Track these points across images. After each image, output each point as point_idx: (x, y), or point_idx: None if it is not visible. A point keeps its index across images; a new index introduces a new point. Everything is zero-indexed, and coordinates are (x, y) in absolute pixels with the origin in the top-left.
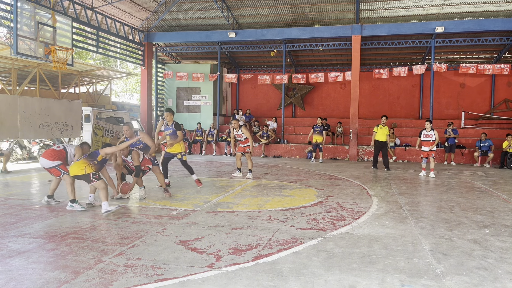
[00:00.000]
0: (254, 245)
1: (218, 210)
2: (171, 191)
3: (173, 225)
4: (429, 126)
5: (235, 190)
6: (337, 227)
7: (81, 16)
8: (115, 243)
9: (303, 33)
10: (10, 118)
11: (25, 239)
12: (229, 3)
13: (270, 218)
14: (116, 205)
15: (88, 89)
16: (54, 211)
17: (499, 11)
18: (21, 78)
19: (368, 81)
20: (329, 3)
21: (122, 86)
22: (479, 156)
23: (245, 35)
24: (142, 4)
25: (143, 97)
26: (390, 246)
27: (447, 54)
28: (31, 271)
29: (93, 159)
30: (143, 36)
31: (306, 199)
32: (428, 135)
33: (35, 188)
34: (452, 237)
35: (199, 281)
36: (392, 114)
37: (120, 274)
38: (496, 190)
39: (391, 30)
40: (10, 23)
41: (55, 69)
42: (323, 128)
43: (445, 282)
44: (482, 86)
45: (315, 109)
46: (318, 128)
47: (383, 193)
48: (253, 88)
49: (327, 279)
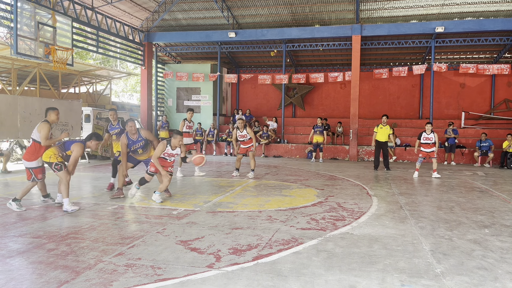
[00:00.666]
0: (254, 245)
1: (218, 210)
2: (171, 191)
3: (173, 225)
4: (430, 129)
5: (235, 190)
6: (337, 227)
7: (81, 16)
8: (115, 243)
9: (303, 33)
10: (10, 118)
11: (25, 239)
12: (229, 3)
13: (270, 218)
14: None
15: (88, 89)
16: (54, 211)
17: (499, 11)
18: (21, 78)
19: (368, 81)
20: (329, 3)
21: (122, 86)
22: (479, 156)
23: (245, 35)
24: (142, 4)
25: (143, 97)
26: (390, 246)
27: (447, 54)
28: (31, 271)
29: (62, 150)
30: (143, 36)
31: (306, 199)
32: (428, 138)
33: (35, 188)
34: (452, 237)
35: (199, 281)
36: (392, 114)
37: (120, 274)
38: (496, 190)
39: (391, 30)
40: (10, 23)
41: (55, 69)
42: (324, 128)
43: (445, 282)
44: (482, 86)
45: (315, 109)
46: (318, 128)
47: (383, 193)
48: (253, 88)
49: (327, 279)
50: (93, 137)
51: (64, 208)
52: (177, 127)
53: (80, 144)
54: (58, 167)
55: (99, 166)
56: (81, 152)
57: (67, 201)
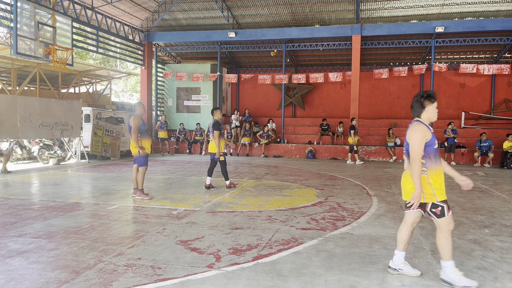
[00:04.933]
0: (254, 245)
1: (218, 210)
2: (171, 191)
3: (173, 225)
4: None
5: (235, 190)
6: (337, 227)
7: (81, 16)
8: (115, 243)
9: (303, 33)
10: (10, 118)
11: (25, 239)
12: (229, 3)
13: (270, 218)
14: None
15: (88, 89)
16: (54, 211)
17: (499, 11)
18: (21, 78)
19: (368, 81)
20: (329, 3)
21: (122, 86)
22: (479, 156)
23: (245, 35)
24: (142, 4)
25: (143, 97)
26: (390, 246)
27: (447, 54)
28: (31, 271)
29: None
30: (143, 36)
31: (306, 199)
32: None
33: (35, 188)
34: (452, 237)
35: (199, 281)
36: (392, 114)
37: (120, 274)
38: (496, 190)
39: (391, 30)
40: (10, 23)
41: (55, 69)
42: (350, 128)
43: None
44: (482, 86)
45: (315, 109)
46: (352, 129)
47: (383, 193)
48: (253, 88)
49: (327, 279)
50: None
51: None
52: (176, 127)
53: None
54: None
55: (99, 166)
56: None
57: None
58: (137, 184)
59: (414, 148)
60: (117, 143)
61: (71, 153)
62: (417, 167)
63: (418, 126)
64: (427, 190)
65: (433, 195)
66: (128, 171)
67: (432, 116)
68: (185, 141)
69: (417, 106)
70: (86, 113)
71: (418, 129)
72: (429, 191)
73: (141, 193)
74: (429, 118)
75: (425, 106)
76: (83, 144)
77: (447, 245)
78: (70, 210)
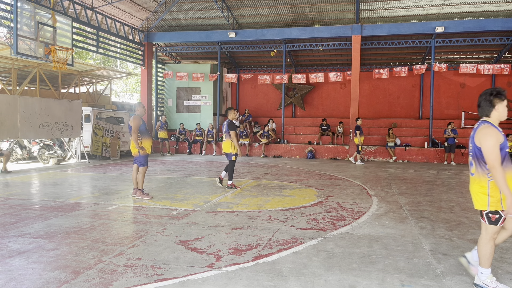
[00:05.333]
0: (254, 245)
1: (218, 210)
2: (171, 191)
3: (173, 225)
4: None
5: (235, 190)
6: (337, 227)
7: (81, 16)
8: (115, 243)
9: (303, 33)
10: (10, 118)
11: (25, 239)
12: (229, 3)
13: (270, 218)
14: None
15: (88, 89)
16: (54, 211)
17: (499, 11)
18: (21, 78)
19: (368, 81)
20: (329, 3)
21: (122, 86)
22: None
23: (245, 35)
24: (142, 4)
25: (143, 97)
26: (390, 246)
27: (447, 54)
28: (31, 271)
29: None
30: (143, 36)
31: (306, 199)
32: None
33: (35, 188)
34: (452, 237)
35: (199, 281)
36: (392, 114)
37: (120, 274)
38: None
39: (391, 30)
40: (10, 23)
41: (55, 69)
42: (357, 129)
43: (445, 282)
44: (482, 86)
45: (315, 109)
46: (357, 130)
47: (383, 193)
48: (253, 88)
49: (327, 279)
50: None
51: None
52: (177, 127)
53: None
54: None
55: (99, 166)
56: None
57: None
58: (137, 184)
59: (490, 154)
60: (117, 143)
61: (71, 153)
62: (499, 173)
63: (489, 129)
64: (497, 196)
65: (500, 201)
66: (128, 171)
67: (502, 115)
68: (185, 141)
69: (486, 105)
70: (86, 113)
71: (490, 133)
72: (498, 197)
73: (141, 193)
74: (499, 118)
75: (495, 104)
76: (83, 144)
77: (491, 253)
78: (70, 210)
